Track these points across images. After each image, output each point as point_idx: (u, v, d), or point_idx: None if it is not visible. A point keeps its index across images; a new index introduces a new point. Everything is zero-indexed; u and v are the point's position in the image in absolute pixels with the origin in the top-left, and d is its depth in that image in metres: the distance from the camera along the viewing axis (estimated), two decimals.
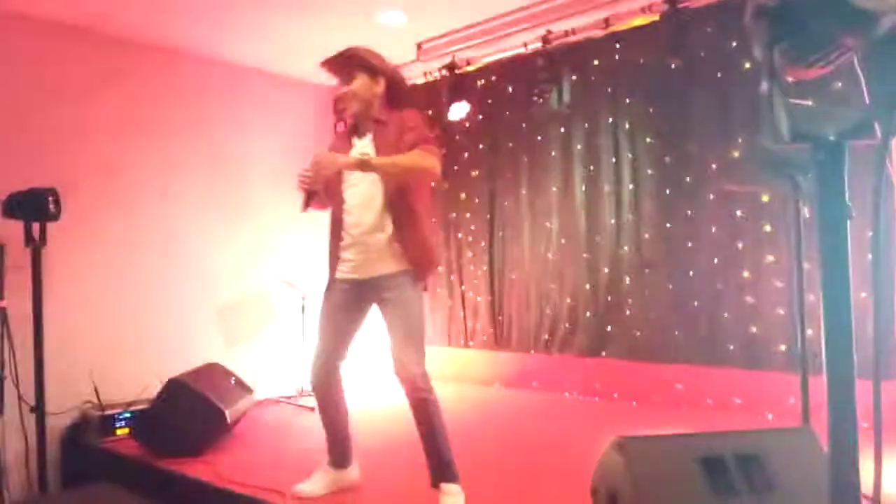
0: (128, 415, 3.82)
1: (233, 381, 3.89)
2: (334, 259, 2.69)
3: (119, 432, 3.77)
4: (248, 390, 3.95)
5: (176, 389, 3.50)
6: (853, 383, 1.15)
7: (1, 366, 3.29)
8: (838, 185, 1.11)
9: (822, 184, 1.12)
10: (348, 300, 2.66)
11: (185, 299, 4.56)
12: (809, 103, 1.35)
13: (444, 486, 2.48)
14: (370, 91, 2.65)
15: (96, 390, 3.87)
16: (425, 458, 2.53)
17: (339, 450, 2.76)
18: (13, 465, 3.57)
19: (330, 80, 5.25)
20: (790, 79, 1.31)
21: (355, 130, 2.73)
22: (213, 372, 3.82)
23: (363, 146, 2.66)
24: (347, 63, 2.66)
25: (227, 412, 3.57)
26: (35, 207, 3.09)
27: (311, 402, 4.55)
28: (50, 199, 3.08)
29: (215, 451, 3.42)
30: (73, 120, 4.10)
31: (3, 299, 3.32)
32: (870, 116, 1.23)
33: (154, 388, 3.59)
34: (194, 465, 3.21)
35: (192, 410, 3.41)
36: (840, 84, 3.26)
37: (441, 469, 2.49)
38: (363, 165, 2.46)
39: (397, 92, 2.73)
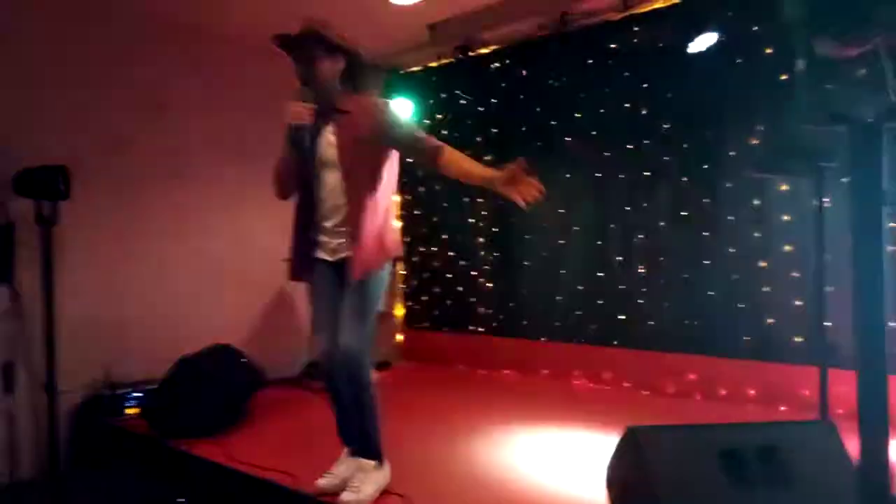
0: (138, 394, 3.82)
1: (243, 362, 3.89)
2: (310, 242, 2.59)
3: (129, 412, 3.78)
4: (258, 371, 3.94)
5: (186, 370, 3.50)
6: (885, 375, 1.11)
7: (13, 344, 3.30)
8: (875, 169, 1.06)
9: (859, 167, 1.08)
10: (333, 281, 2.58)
11: (196, 279, 4.55)
12: (845, 86, 1.29)
13: (362, 460, 2.48)
14: (330, 72, 2.45)
15: (107, 369, 3.87)
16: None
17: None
18: (25, 444, 3.60)
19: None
20: (825, 56, 1.26)
21: (319, 114, 2.49)
22: (223, 352, 3.81)
23: (329, 134, 2.49)
24: (303, 40, 2.41)
25: (237, 393, 3.57)
26: (44, 185, 3.07)
27: (320, 383, 4.56)
28: (59, 177, 3.05)
29: (225, 432, 3.42)
30: (84, 98, 4.07)
31: (14, 278, 3.32)
32: None
33: (165, 368, 3.59)
34: (204, 446, 3.21)
35: (202, 391, 3.41)
36: (864, 71, 3.18)
37: (364, 446, 2.50)
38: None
39: (357, 71, 2.51)
